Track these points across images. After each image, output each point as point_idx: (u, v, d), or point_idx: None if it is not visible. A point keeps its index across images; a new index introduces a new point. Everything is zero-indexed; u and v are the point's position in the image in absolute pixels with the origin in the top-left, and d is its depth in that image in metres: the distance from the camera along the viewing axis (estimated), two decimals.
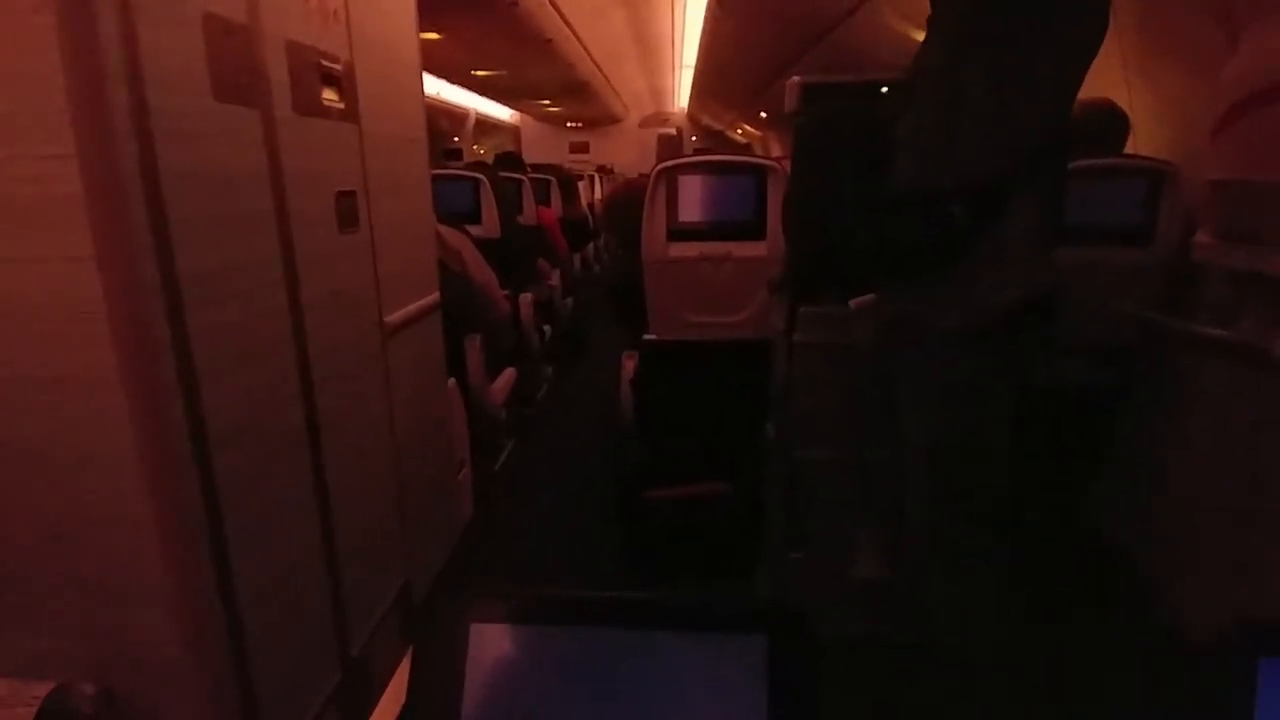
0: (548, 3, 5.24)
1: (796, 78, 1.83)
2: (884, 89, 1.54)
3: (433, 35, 5.49)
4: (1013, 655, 1.62)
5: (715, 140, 15.02)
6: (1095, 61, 1.34)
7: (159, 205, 1.03)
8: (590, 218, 7.18)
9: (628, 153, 14.77)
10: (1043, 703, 1.80)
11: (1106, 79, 2.46)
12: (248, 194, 1.27)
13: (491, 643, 0.52)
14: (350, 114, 1.61)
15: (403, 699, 1.83)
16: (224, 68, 1.17)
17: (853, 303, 1.65)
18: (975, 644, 1.57)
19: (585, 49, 7.29)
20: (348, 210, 1.61)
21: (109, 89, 0.95)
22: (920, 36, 1.52)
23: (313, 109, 1.45)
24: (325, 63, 1.50)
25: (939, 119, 1.36)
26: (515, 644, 0.52)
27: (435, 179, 2.24)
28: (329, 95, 1.52)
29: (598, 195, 9.12)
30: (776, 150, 11.96)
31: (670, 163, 2.30)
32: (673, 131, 14.83)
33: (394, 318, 1.86)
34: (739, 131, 14.43)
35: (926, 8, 1.48)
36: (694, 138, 15.14)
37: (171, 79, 1.05)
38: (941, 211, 1.34)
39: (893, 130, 1.45)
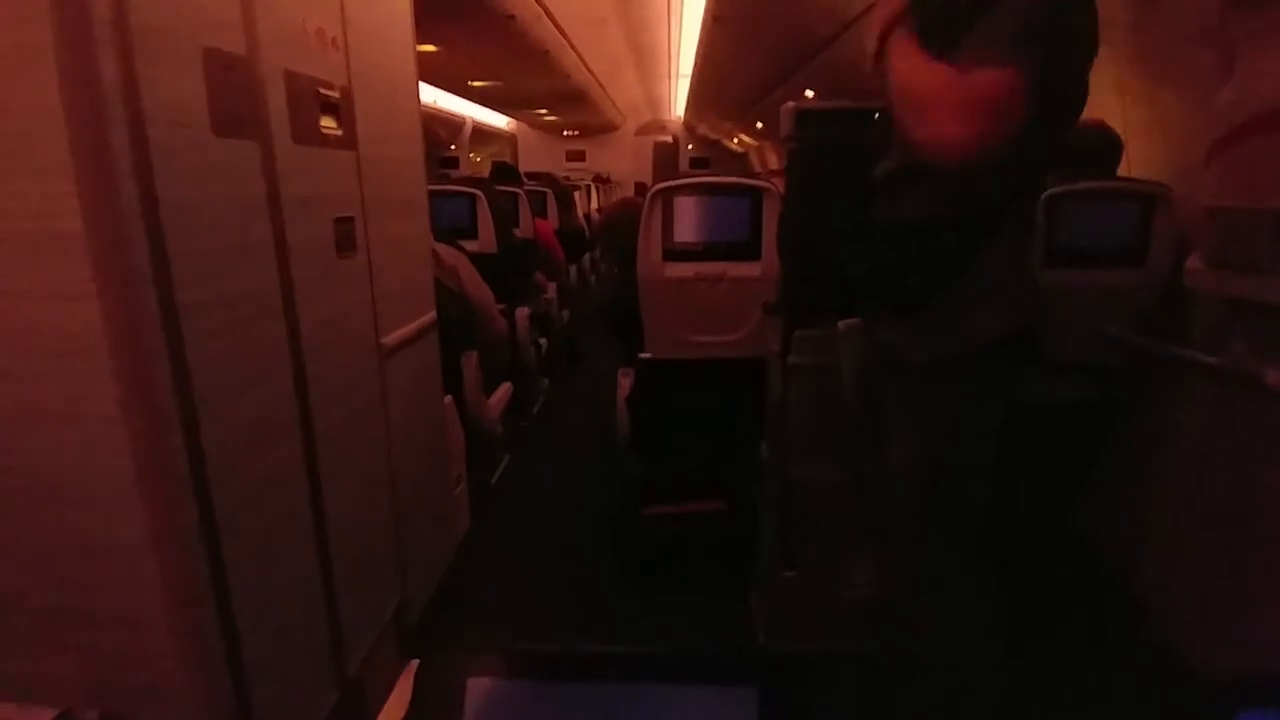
0: (544, 15, 5.26)
1: (790, 103, 1.84)
2: (877, 115, 1.55)
3: (429, 48, 5.51)
4: (1003, 675, 1.64)
5: (711, 150, 15.04)
6: (1090, 82, 1.33)
7: (159, 240, 1.04)
8: (587, 229, 7.19)
9: (624, 161, 14.78)
10: None
11: (1100, 99, 2.48)
12: (247, 225, 1.28)
13: (488, 697, 0.53)
14: (348, 140, 1.63)
15: (400, 717, 1.84)
16: (223, 101, 1.18)
17: (840, 325, 1.66)
18: (966, 664, 1.58)
19: (582, 59, 7.31)
20: (345, 235, 1.62)
21: (109, 126, 0.97)
22: None
23: (311, 138, 1.46)
24: (324, 90, 1.51)
25: (918, 182, 1.37)
26: (512, 698, 0.53)
27: (432, 194, 2.26)
28: (327, 123, 1.53)
29: (594, 206, 9.14)
30: (773, 161, 12.01)
31: (666, 184, 2.31)
32: (669, 139, 14.85)
33: (391, 338, 1.87)
34: (735, 141, 14.46)
35: None
36: (690, 146, 15.16)
37: (171, 115, 1.07)
38: (929, 242, 1.34)
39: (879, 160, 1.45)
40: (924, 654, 1.61)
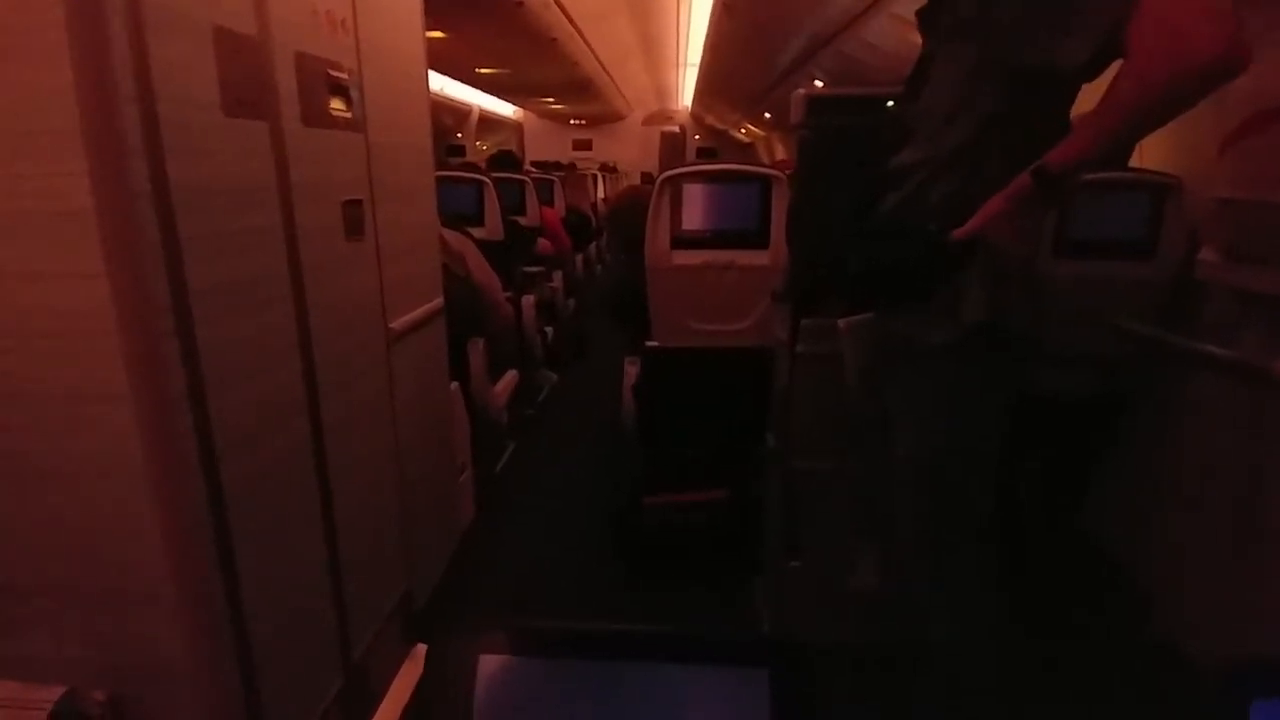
0: (552, 2, 5.24)
1: (801, 90, 1.83)
2: (889, 103, 1.54)
3: (437, 34, 5.50)
4: (1008, 667, 1.63)
5: (719, 140, 15.00)
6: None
7: (169, 220, 1.04)
8: (593, 217, 7.18)
9: (631, 150, 14.77)
10: (1038, 715, 1.81)
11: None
12: (256, 206, 1.27)
13: (499, 675, 0.53)
14: (357, 123, 1.62)
15: (404, 703, 1.84)
16: (234, 81, 1.18)
17: (841, 323, 1.65)
18: (971, 655, 1.57)
19: (590, 48, 7.29)
20: (354, 219, 1.61)
21: (120, 105, 0.96)
22: None
23: (320, 120, 1.45)
24: (333, 73, 1.50)
25: (945, 178, 1.36)
26: (522, 676, 0.53)
27: (438, 181, 2.25)
28: (337, 105, 1.52)
29: (600, 195, 9.13)
30: (780, 152, 11.97)
31: (674, 171, 2.30)
32: (676, 129, 14.79)
33: (398, 324, 1.87)
34: (742, 131, 14.42)
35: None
36: (697, 136, 15.12)
37: (182, 94, 1.06)
38: (933, 236, 1.33)
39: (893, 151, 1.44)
40: (929, 645, 1.61)
